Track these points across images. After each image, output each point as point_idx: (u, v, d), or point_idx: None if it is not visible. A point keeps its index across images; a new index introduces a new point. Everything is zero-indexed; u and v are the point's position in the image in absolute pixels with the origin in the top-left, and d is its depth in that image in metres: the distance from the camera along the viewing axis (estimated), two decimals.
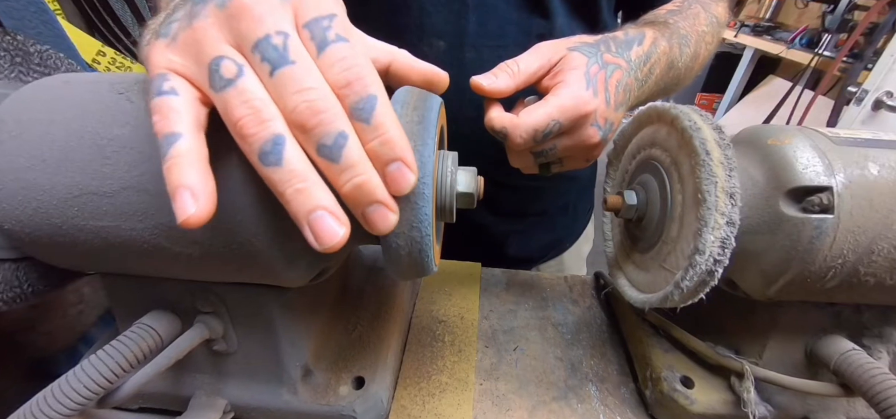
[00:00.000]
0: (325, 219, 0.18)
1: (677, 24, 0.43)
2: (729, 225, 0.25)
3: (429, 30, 0.45)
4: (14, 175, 0.22)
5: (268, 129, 0.17)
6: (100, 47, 0.95)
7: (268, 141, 0.17)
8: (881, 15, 1.77)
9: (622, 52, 0.37)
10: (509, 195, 0.57)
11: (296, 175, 0.17)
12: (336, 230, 0.18)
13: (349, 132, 0.18)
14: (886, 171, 0.26)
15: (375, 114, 0.18)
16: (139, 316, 0.28)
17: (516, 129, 0.33)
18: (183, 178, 0.17)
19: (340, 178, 0.18)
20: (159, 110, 0.18)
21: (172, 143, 0.18)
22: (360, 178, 0.18)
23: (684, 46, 0.42)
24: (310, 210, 0.18)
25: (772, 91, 2.42)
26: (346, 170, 0.18)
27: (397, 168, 0.19)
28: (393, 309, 0.40)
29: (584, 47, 0.35)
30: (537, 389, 0.37)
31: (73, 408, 0.22)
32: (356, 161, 0.18)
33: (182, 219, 0.17)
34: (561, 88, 0.33)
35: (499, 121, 0.34)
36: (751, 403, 0.30)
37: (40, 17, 0.43)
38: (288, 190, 0.18)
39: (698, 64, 0.46)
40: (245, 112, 0.17)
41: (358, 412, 0.31)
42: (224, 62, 0.18)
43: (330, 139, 0.17)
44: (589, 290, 0.49)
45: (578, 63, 0.34)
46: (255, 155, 0.17)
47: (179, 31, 0.19)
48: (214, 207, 0.18)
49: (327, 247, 0.18)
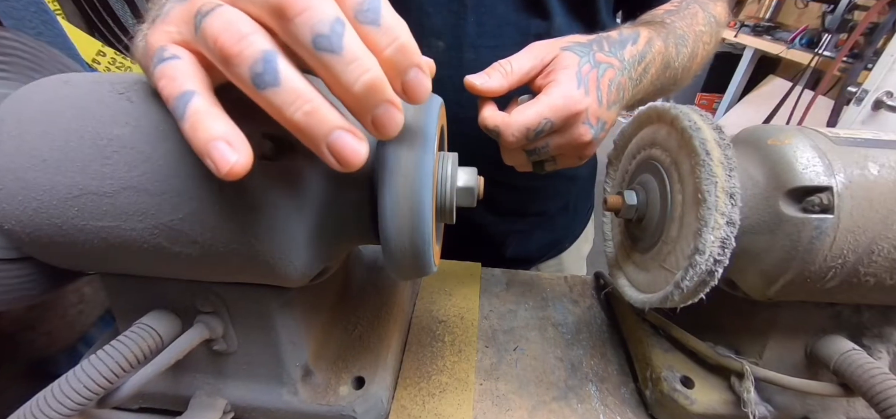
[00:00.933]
0: (344, 138, 0.16)
1: (674, 24, 0.43)
2: (729, 225, 0.25)
3: (428, 30, 0.45)
4: (14, 175, 0.22)
5: (253, 45, 0.15)
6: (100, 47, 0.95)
7: (257, 59, 0.15)
8: (881, 15, 1.77)
9: (615, 51, 0.37)
10: (509, 195, 0.57)
11: (300, 94, 0.16)
12: (357, 147, 0.17)
13: (346, 20, 0.16)
14: (886, 171, 0.26)
15: (383, 15, 0.16)
16: (139, 316, 0.28)
17: (508, 127, 0.33)
18: (211, 130, 0.16)
19: (346, 75, 0.16)
20: (165, 75, 0.17)
21: (187, 101, 0.17)
22: (369, 74, 0.16)
23: (681, 46, 0.43)
24: (327, 132, 0.16)
25: (772, 91, 2.42)
26: (352, 63, 0.15)
27: (416, 75, 0.17)
28: (393, 309, 0.40)
29: (576, 47, 0.36)
30: (537, 389, 0.37)
31: (73, 408, 0.22)
32: (362, 52, 0.16)
33: (226, 169, 0.16)
34: (552, 88, 0.34)
35: (491, 119, 0.34)
36: (751, 403, 0.30)
37: (40, 17, 0.43)
38: (296, 114, 0.16)
39: (696, 64, 0.46)
40: (222, 28, 0.16)
41: (358, 412, 0.31)
42: (205, 4, 0.17)
43: (325, 26, 0.15)
44: (589, 290, 0.49)
45: (570, 62, 0.35)
46: (248, 79, 0.15)
47: (172, 9, 0.19)
48: (252, 152, 0.17)
49: (352, 167, 0.17)
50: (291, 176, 0.23)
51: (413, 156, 0.22)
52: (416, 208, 0.22)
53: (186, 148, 0.22)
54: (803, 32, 2.30)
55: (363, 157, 0.17)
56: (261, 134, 0.22)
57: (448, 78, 0.37)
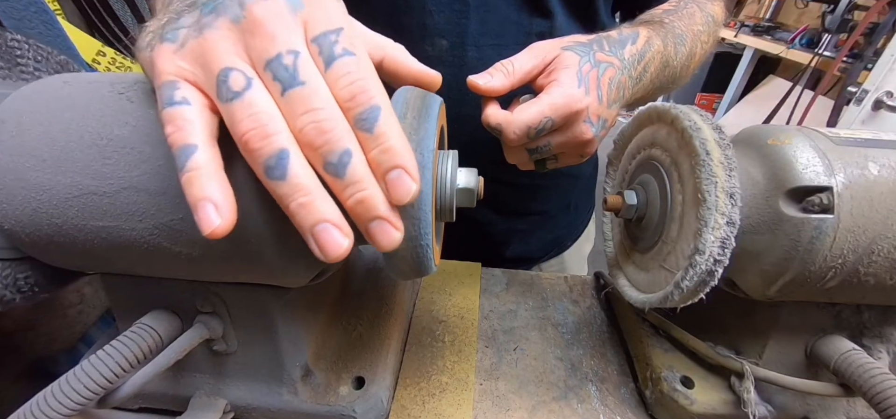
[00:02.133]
0: (329, 231, 0.18)
1: (673, 24, 0.44)
2: (729, 225, 0.25)
3: (431, 29, 0.45)
4: (14, 175, 0.22)
5: (272, 145, 0.18)
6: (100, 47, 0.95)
7: (273, 156, 0.18)
8: (881, 15, 1.77)
9: (615, 50, 0.37)
10: (512, 194, 0.57)
11: (300, 189, 0.18)
12: (340, 241, 0.18)
13: (354, 150, 0.18)
14: (886, 171, 0.26)
15: (378, 124, 0.19)
16: (139, 316, 0.28)
17: (510, 125, 0.34)
18: (204, 191, 0.18)
19: (345, 192, 0.18)
20: (173, 121, 0.18)
21: (189, 155, 0.18)
22: (362, 193, 0.18)
23: (680, 45, 0.43)
24: (314, 223, 0.18)
25: (772, 91, 2.43)
26: (350, 185, 0.18)
27: (397, 175, 0.19)
28: (393, 309, 0.40)
29: (577, 47, 0.36)
30: (537, 389, 0.37)
31: (73, 408, 0.22)
32: (360, 177, 0.18)
33: (208, 231, 0.18)
34: (553, 87, 0.34)
35: (494, 117, 0.35)
36: (751, 403, 0.30)
37: (40, 17, 0.43)
38: (292, 203, 0.18)
39: (695, 62, 0.47)
40: (251, 125, 0.18)
41: (358, 412, 0.31)
42: (233, 74, 0.18)
43: (335, 157, 0.18)
44: (589, 290, 0.49)
45: (571, 62, 0.35)
46: (261, 168, 0.18)
47: (188, 39, 0.19)
48: (235, 217, 0.18)
49: (332, 258, 0.18)
50: None
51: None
52: (415, 208, 0.22)
53: None
54: (803, 32, 2.30)
55: (343, 250, 0.18)
56: None
57: (451, 76, 0.37)
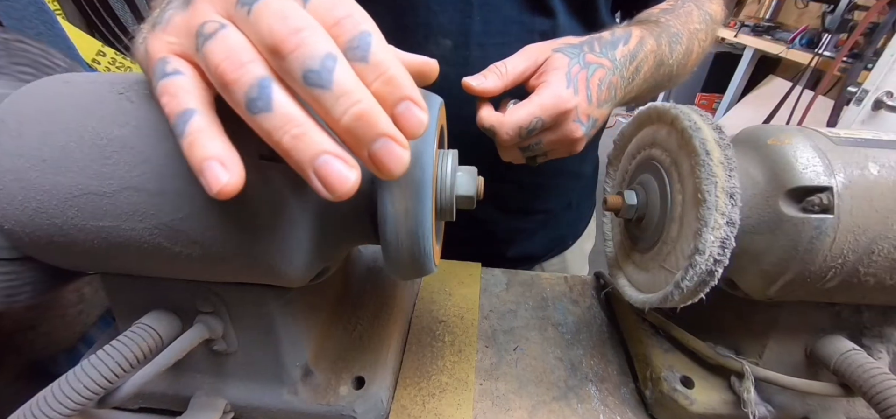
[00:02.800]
0: (332, 163, 0.16)
1: (669, 23, 0.44)
2: (729, 225, 0.25)
3: (435, 29, 0.45)
4: (14, 175, 0.22)
5: (250, 73, 0.16)
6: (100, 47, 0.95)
7: (253, 85, 0.16)
8: (881, 15, 1.77)
9: (606, 51, 0.38)
10: (514, 192, 0.57)
11: (290, 120, 0.16)
12: (346, 174, 0.16)
13: (337, 55, 0.16)
14: (886, 170, 0.26)
15: (372, 51, 0.16)
16: (139, 316, 0.28)
17: (502, 126, 0.35)
18: (207, 150, 0.17)
19: (336, 108, 0.15)
20: (167, 91, 0.18)
21: (187, 120, 0.17)
22: (358, 106, 0.15)
23: (675, 44, 0.44)
24: (314, 155, 0.16)
25: (772, 91, 2.42)
26: (341, 97, 0.15)
27: (407, 107, 0.16)
28: (393, 309, 0.40)
29: (567, 49, 0.37)
30: (537, 389, 0.37)
31: (73, 408, 0.22)
32: (352, 86, 0.15)
33: (217, 189, 0.16)
34: (543, 88, 0.36)
35: (487, 119, 0.37)
36: (751, 403, 0.30)
37: (40, 17, 0.43)
38: (285, 138, 0.16)
39: (692, 60, 0.47)
40: (223, 56, 0.16)
41: (358, 412, 0.31)
42: (207, 24, 0.17)
43: (316, 62, 0.15)
44: (589, 290, 0.49)
45: (560, 64, 0.36)
46: (242, 104, 0.16)
47: (174, 15, 0.19)
48: (244, 173, 0.17)
49: (340, 195, 0.16)
50: (292, 175, 0.23)
51: (412, 155, 0.22)
52: (415, 207, 0.22)
53: None
54: (803, 32, 2.30)
55: (352, 184, 0.16)
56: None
57: (455, 75, 0.38)
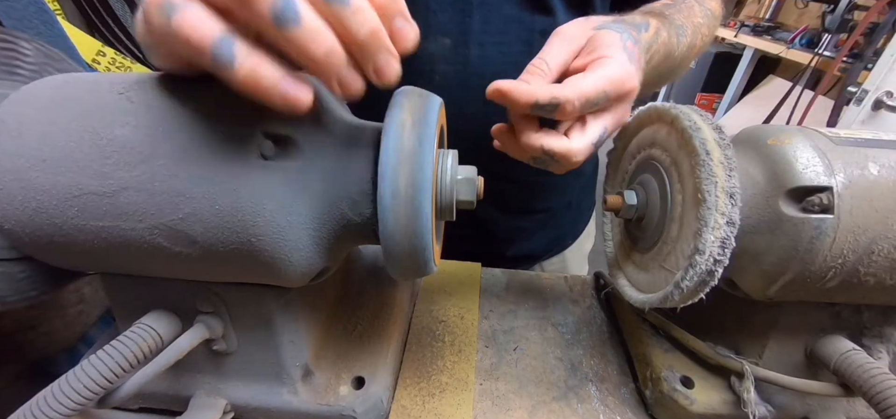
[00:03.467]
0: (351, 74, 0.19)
1: (673, 17, 0.44)
2: (729, 225, 0.25)
3: (435, 28, 0.45)
4: (14, 175, 0.22)
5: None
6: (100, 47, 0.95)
7: None
8: (881, 15, 1.77)
9: (639, 33, 0.36)
10: (515, 191, 0.57)
11: (319, 32, 0.17)
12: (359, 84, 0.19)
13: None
14: (886, 170, 0.26)
15: None
16: (139, 316, 0.28)
17: (568, 98, 0.29)
18: (274, 72, 0.18)
19: (353, 23, 0.18)
20: (186, 24, 0.17)
21: (231, 45, 0.17)
22: (372, 23, 0.18)
23: (681, 36, 0.43)
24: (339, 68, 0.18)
25: (772, 91, 2.42)
26: (358, 13, 0.18)
27: (402, 24, 0.19)
28: (393, 309, 0.40)
29: (612, 25, 0.34)
30: (537, 389, 0.37)
31: (73, 408, 0.22)
32: (365, 5, 0.18)
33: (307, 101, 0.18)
34: (608, 61, 0.31)
35: (546, 94, 0.29)
36: (751, 403, 0.30)
37: (40, 17, 0.43)
38: (318, 51, 0.17)
39: (694, 53, 0.47)
40: None
41: (358, 412, 0.31)
42: None
43: None
44: (589, 290, 0.49)
45: (613, 39, 0.32)
46: (269, 16, 0.17)
47: None
48: None
49: (351, 95, 0.19)
50: (291, 176, 0.23)
51: (413, 156, 0.22)
52: (415, 207, 0.22)
53: (186, 148, 0.22)
54: (803, 32, 2.30)
55: (359, 88, 0.20)
56: (261, 134, 0.23)
57: (454, 74, 0.37)
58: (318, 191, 0.24)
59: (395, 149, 0.22)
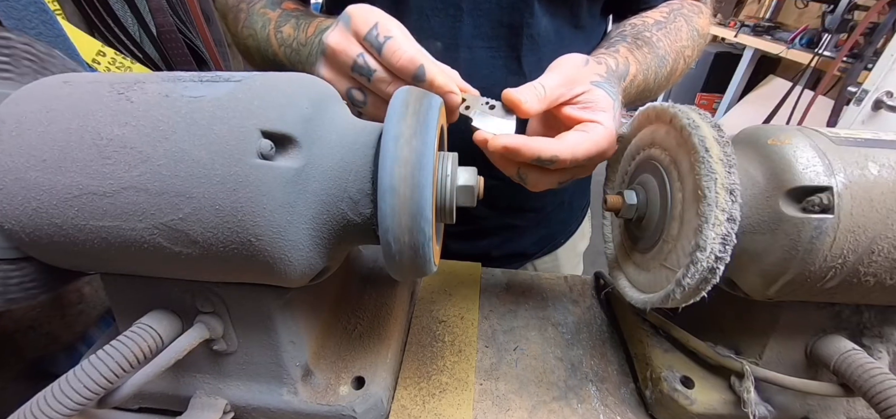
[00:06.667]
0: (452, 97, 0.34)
1: (659, 42, 0.45)
2: (730, 221, 0.25)
3: (427, 32, 0.47)
4: (14, 175, 0.22)
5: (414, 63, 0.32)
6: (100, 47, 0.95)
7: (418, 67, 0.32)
8: (881, 15, 1.77)
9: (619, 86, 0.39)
10: (507, 190, 0.57)
11: (440, 87, 0.33)
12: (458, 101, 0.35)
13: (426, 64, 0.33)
14: (886, 170, 0.26)
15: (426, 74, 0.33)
16: (139, 316, 0.28)
17: (564, 158, 0.33)
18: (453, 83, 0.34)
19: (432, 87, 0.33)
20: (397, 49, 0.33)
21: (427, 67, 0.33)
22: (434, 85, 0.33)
23: (661, 68, 0.45)
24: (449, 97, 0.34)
25: (772, 91, 2.42)
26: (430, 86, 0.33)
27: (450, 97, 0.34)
28: (393, 309, 0.40)
29: (605, 85, 0.37)
30: (537, 389, 0.37)
31: (73, 408, 0.22)
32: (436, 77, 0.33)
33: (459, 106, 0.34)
34: (598, 129, 0.35)
35: (549, 150, 0.33)
36: (751, 403, 0.30)
37: (40, 17, 0.43)
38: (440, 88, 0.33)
39: (675, 77, 0.49)
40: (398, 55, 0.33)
41: (358, 412, 0.31)
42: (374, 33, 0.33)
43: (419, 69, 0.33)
44: (589, 290, 0.49)
45: (607, 105, 0.36)
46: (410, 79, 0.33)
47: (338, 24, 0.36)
48: None
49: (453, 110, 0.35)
50: (291, 175, 0.23)
51: (413, 156, 0.22)
52: (415, 208, 0.22)
53: (186, 148, 0.22)
54: (803, 32, 2.30)
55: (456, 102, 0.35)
56: (261, 133, 0.23)
57: None
58: (317, 190, 0.24)
59: (396, 148, 0.22)
